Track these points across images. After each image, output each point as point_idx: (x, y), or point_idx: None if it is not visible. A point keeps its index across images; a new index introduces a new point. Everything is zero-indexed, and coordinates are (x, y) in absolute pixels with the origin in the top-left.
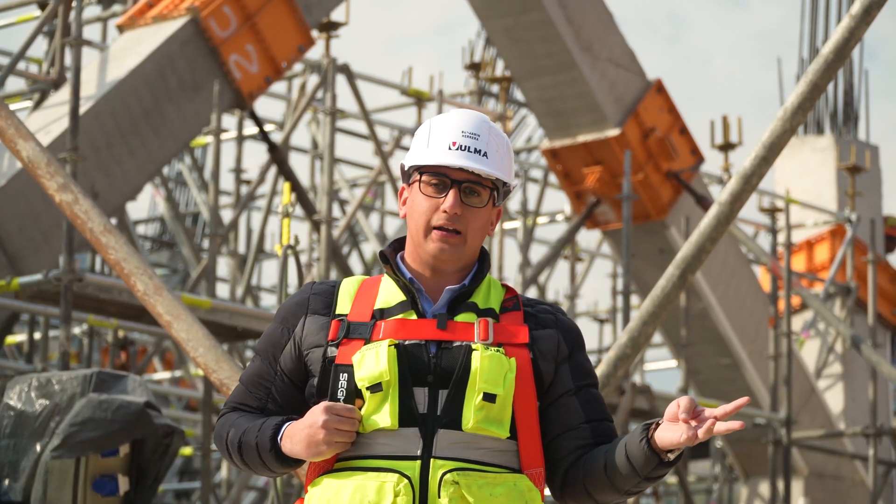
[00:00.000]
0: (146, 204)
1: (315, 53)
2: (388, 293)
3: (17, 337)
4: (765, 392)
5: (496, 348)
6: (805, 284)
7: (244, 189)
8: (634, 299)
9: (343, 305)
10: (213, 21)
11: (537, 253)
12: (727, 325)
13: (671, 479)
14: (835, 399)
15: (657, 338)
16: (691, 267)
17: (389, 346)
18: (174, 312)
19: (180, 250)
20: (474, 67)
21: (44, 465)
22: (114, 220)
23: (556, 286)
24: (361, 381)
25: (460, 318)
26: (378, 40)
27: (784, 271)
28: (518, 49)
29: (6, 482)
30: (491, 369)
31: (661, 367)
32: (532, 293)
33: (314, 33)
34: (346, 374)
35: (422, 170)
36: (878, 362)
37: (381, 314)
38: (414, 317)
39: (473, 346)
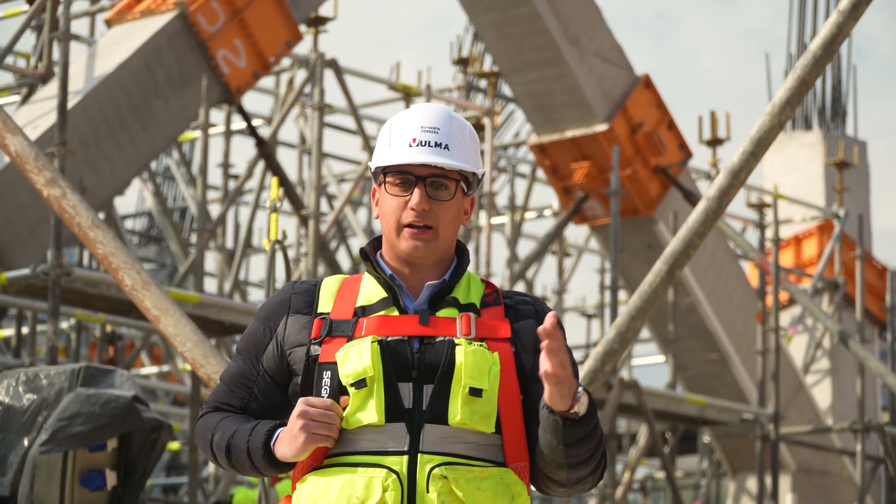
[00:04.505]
0: (134, 199)
1: (303, 48)
2: (370, 290)
3: (5, 331)
4: (752, 387)
5: (479, 343)
6: (793, 280)
7: (232, 184)
8: (622, 294)
9: (325, 304)
10: (201, 16)
11: (525, 248)
12: (715, 320)
13: (659, 474)
14: (822, 394)
15: (645, 333)
16: (679, 262)
17: (373, 342)
18: (162, 307)
19: (168, 245)
20: (462, 63)
21: (31, 460)
22: (102, 215)
23: (543, 281)
24: (346, 377)
25: (442, 313)
26: (366, 35)
27: (772, 267)
28: (506, 44)
29: None
30: (475, 364)
31: (648, 362)
32: (520, 288)
33: (302, 28)
34: (329, 372)
35: (386, 170)
36: (866, 358)
37: (363, 311)
38: (396, 313)
39: (457, 341)
